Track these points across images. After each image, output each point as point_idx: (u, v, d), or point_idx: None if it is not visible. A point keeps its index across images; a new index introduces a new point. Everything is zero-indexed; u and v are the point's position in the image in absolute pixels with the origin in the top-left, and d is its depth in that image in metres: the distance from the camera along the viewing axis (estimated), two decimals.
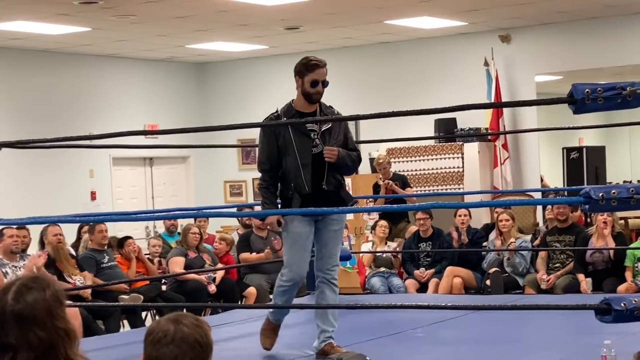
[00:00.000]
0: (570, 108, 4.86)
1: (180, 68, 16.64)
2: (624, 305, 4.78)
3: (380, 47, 15.32)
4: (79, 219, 8.75)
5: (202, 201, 16.18)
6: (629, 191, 4.72)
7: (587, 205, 4.84)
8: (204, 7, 11.76)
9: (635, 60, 13.66)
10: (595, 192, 4.78)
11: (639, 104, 4.75)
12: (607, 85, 4.73)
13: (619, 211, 5.94)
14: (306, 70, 6.53)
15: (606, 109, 4.79)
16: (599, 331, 5.92)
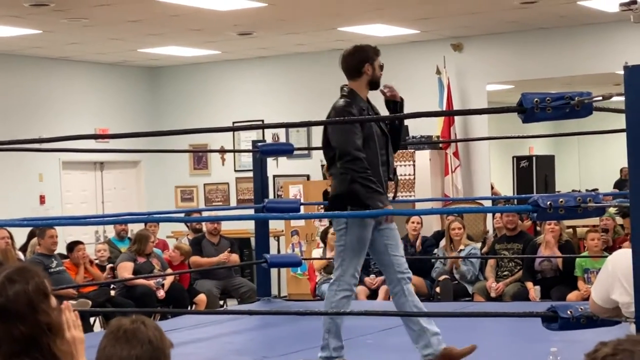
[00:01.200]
0: (519, 117, 4.91)
1: (132, 72, 16.55)
2: (570, 313, 4.83)
3: (333, 54, 15.22)
4: (26, 223, 8.66)
5: (152, 206, 16.08)
6: (576, 200, 4.78)
7: (535, 213, 4.89)
8: (156, 12, 11.70)
9: (585, 70, 13.81)
10: (543, 200, 4.83)
11: (587, 113, 4.81)
12: (556, 95, 4.78)
13: (567, 220, 5.99)
14: (375, 55, 6.31)
15: (555, 118, 4.85)
16: (546, 339, 5.96)
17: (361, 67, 6.22)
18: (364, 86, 6.27)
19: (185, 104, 16.60)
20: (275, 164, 15.45)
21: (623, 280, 4.49)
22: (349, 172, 5.96)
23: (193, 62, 16.16)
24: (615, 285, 4.52)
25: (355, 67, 6.24)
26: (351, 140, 6.00)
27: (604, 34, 13.57)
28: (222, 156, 16.42)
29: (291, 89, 15.84)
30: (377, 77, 6.28)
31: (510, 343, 7.04)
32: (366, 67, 6.22)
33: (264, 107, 15.77)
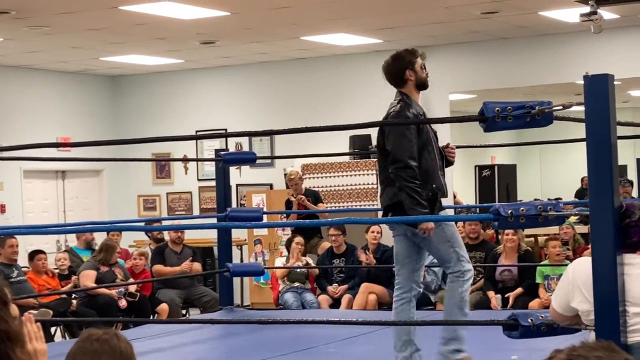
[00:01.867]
0: (481, 126, 4.94)
1: (94, 80, 16.47)
2: (531, 321, 4.86)
3: (296, 63, 15.36)
4: None
5: (115, 215, 16.01)
6: (537, 209, 4.81)
7: (496, 222, 4.92)
8: (119, 20, 11.66)
9: (546, 80, 13.92)
10: (504, 209, 4.86)
11: (547, 122, 4.85)
12: (517, 104, 4.82)
13: (528, 228, 6.02)
14: (413, 57, 6.26)
15: (516, 127, 4.89)
16: (507, 347, 6.01)
17: (403, 74, 6.22)
18: (413, 91, 6.27)
19: (148, 112, 16.54)
20: (239, 173, 15.43)
21: (583, 288, 4.52)
22: (398, 179, 5.94)
23: (156, 70, 16.11)
24: (575, 293, 4.56)
25: (398, 76, 6.24)
26: (406, 146, 5.97)
27: (565, 44, 13.69)
28: (185, 165, 16.37)
29: (254, 98, 15.83)
30: (423, 79, 6.29)
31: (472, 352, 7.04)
32: (408, 74, 6.21)
33: (227, 116, 15.76)
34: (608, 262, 4.40)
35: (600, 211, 4.46)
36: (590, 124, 4.52)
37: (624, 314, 4.41)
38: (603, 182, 4.45)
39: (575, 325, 4.69)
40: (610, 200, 4.42)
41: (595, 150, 4.48)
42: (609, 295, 4.37)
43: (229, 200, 9.42)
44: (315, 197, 12.69)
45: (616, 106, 4.63)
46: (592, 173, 4.49)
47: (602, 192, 4.45)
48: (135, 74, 16.49)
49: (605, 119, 4.47)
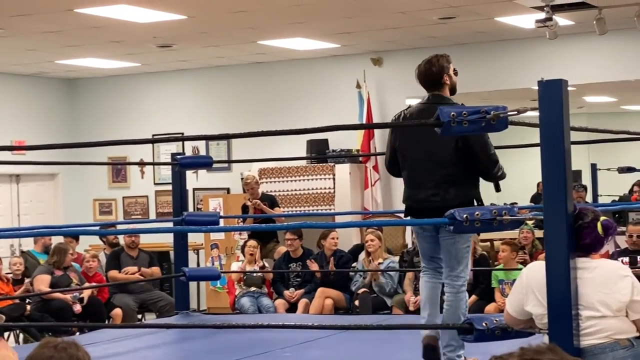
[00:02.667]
0: (437, 131, 4.96)
1: (49, 83, 16.34)
2: (486, 325, 4.88)
3: (253, 67, 15.34)
4: None
5: (70, 219, 15.87)
6: (492, 213, 4.84)
7: (452, 226, 4.94)
8: (75, 23, 11.58)
9: (502, 85, 14.00)
10: (459, 213, 4.88)
11: (502, 127, 4.87)
12: (472, 109, 4.84)
13: (483, 232, 6.02)
14: (448, 63, 6.49)
15: (471, 132, 4.91)
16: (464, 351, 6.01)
17: (441, 78, 6.40)
18: (448, 93, 6.47)
19: (105, 116, 16.44)
20: (196, 177, 15.39)
21: (537, 291, 4.55)
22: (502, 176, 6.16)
23: (112, 74, 16.02)
24: (529, 296, 4.59)
25: (437, 79, 6.41)
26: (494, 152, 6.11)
27: (521, 50, 13.79)
28: (142, 169, 16.28)
29: (212, 102, 15.79)
30: (455, 83, 6.53)
31: None
32: (445, 78, 6.40)
33: (184, 120, 15.70)
34: (562, 266, 4.43)
35: (553, 215, 4.49)
36: (544, 129, 4.55)
37: (577, 317, 4.45)
38: (557, 186, 4.47)
39: (529, 329, 4.72)
40: (564, 205, 4.45)
41: (549, 154, 4.51)
42: (563, 299, 4.40)
43: (186, 205, 9.38)
44: (271, 201, 12.67)
45: (571, 112, 4.66)
46: (546, 177, 4.51)
47: (556, 197, 4.48)
48: (92, 77, 16.38)
49: (559, 124, 4.50)
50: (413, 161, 6.19)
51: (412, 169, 6.19)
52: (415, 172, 6.16)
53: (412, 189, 6.19)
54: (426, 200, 6.06)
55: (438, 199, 5.98)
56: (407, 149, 6.22)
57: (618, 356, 4.45)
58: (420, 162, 6.14)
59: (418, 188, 6.12)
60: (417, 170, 6.15)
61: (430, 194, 6.03)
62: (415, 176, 6.16)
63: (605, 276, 4.53)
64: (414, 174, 6.18)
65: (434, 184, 6.03)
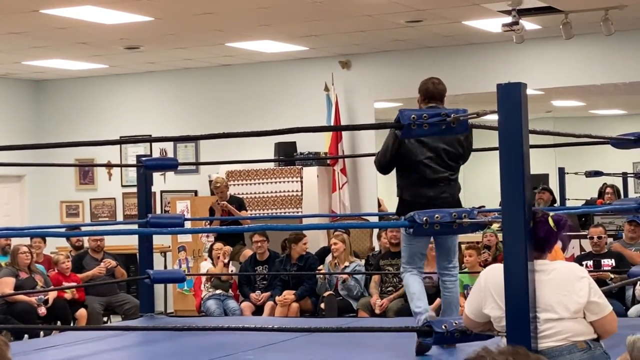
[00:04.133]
0: (396, 133, 4.97)
1: (15, 85, 16.23)
2: (445, 327, 4.91)
3: (221, 69, 15.32)
4: None
5: (36, 221, 15.75)
6: (452, 216, 4.85)
7: (411, 229, 4.95)
8: (41, 24, 11.52)
9: (469, 89, 14.00)
10: (419, 216, 4.90)
11: (463, 130, 4.90)
12: (433, 112, 4.87)
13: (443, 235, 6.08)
14: None
15: (431, 134, 4.94)
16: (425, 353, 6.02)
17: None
18: None
19: (72, 118, 16.36)
20: (163, 179, 15.35)
21: (495, 294, 4.56)
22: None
23: (79, 75, 15.94)
24: (488, 299, 4.60)
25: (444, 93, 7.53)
26: None
27: (488, 53, 13.84)
28: (109, 171, 16.22)
29: (179, 104, 15.75)
30: None
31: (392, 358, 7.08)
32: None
33: (151, 122, 15.65)
34: (519, 269, 4.44)
35: (511, 218, 4.50)
36: (502, 132, 4.56)
37: (535, 320, 4.46)
38: (515, 189, 4.48)
39: (488, 331, 4.73)
40: (522, 208, 4.45)
41: (507, 157, 4.51)
42: (521, 301, 4.41)
43: (151, 207, 9.35)
44: (239, 203, 12.67)
45: (539, 116, 4.69)
46: (504, 180, 4.52)
47: (514, 200, 4.48)
48: (59, 79, 16.29)
49: (517, 127, 4.50)
50: (424, 162, 6.73)
51: (423, 169, 6.72)
52: (428, 172, 6.71)
53: (423, 187, 6.72)
54: (437, 197, 6.63)
55: (448, 195, 6.69)
56: (419, 151, 6.72)
57: (575, 358, 4.46)
58: (432, 163, 6.73)
59: (430, 186, 6.70)
60: (429, 170, 6.72)
61: (442, 191, 6.70)
62: (427, 175, 6.71)
63: (562, 278, 4.55)
64: (425, 174, 6.72)
65: (445, 182, 6.75)
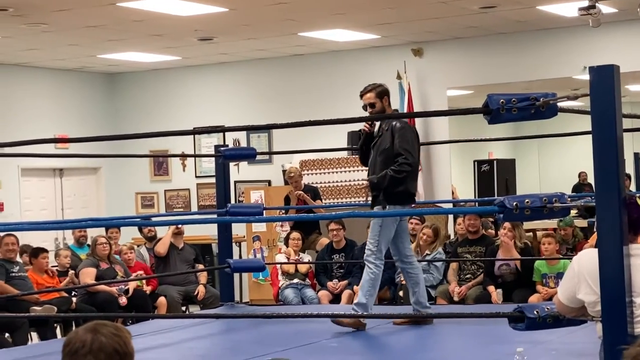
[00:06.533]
0: (485, 118, 4.93)
1: (91, 78, 16.44)
2: (537, 313, 4.86)
3: (294, 59, 15.35)
4: None
5: (113, 212, 15.96)
6: (542, 200, 4.81)
7: (501, 214, 4.92)
8: (116, 17, 11.64)
9: (543, 75, 13.90)
10: (509, 201, 4.86)
11: (552, 114, 4.84)
12: (522, 96, 4.81)
13: (533, 220, 6.03)
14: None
15: (520, 119, 4.88)
16: (509, 340, 5.99)
17: None
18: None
19: (146, 110, 16.52)
20: (237, 169, 15.43)
21: (589, 279, 4.52)
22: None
23: (153, 67, 16.09)
24: (582, 284, 4.55)
25: None
26: None
27: (563, 38, 13.69)
28: (183, 162, 16.35)
29: (252, 95, 15.81)
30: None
31: (475, 345, 7.06)
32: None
33: (225, 112, 15.74)
34: (615, 253, 4.39)
35: (606, 203, 4.45)
36: (596, 116, 4.51)
37: (631, 304, 4.41)
38: (609, 173, 4.43)
39: (582, 316, 4.68)
40: (617, 192, 4.40)
41: (600, 141, 4.46)
42: (616, 286, 4.36)
43: (229, 196, 9.40)
44: (314, 193, 12.68)
45: None
46: (599, 165, 4.46)
47: (609, 184, 4.43)
48: (133, 71, 16.46)
49: (611, 111, 4.45)
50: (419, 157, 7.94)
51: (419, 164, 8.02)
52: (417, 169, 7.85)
53: (414, 181, 7.78)
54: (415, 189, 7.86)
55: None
56: (418, 147, 7.77)
57: None
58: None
59: (416, 179, 7.84)
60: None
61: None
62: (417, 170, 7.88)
63: None
64: (418, 168, 7.95)
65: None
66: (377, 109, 7.80)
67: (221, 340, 7.84)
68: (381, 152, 7.64)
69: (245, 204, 13.35)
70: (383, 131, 7.70)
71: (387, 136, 7.65)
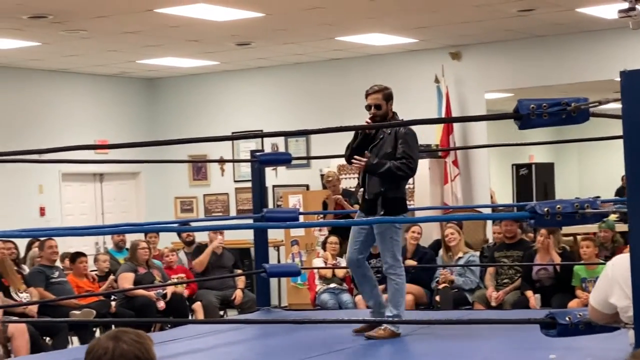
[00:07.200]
0: (515, 123, 4.90)
1: (130, 83, 16.55)
2: (569, 319, 4.81)
3: (331, 63, 15.35)
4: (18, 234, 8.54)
5: (152, 217, 16.07)
6: (574, 206, 4.76)
7: (532, 220, 4.88)
8: (154, 23, 11.71)
9: (583, 77, 13.79)
10: (540, 207, 4.82)
11: (583, 119, 4.80)
12: (553, 101, 4.77)
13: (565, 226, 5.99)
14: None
15: (551, 124, 4.84)
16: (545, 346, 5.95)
17: None
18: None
19: (184, 115, 16.60)
20: (275, 174, 15.45)
21: (622, 283, 4.48)
22: None
23: (191, 72, 16.17)
24: (614, 288, 4.51)
25: None
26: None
27: (603, 41, 13.58)
28: (222, 167, 16.41)
29: (290, 99, 15.84)
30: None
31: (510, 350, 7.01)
32: None
33: (262, 117, 15.78)
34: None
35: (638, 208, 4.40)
36: (627, 120, 4.47)
37: None
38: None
39: (614, 323, 4.64)
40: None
41: (632, 146, 4.41)
42: None
43: (265, 201, 9.42)
44: (352, 197, 12.67)
45: None
46: (630, 170, 4.42)
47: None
48: (171, 77, 16.55)
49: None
50: None
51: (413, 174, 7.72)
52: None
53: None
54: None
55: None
56: None
57: None
58: None
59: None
60: None
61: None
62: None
63: None
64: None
65: None
66: (382, 111, 7.60)
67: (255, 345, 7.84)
68: (382, 156, 7.44)
69: (281, 208, 13.36)
70: (385, 135, 7.52)
71: (390, 140, 7.46)
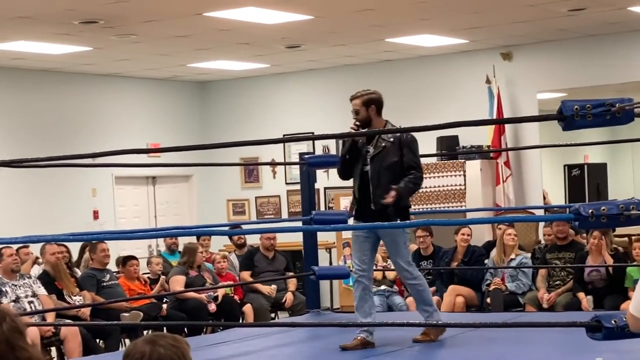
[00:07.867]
0: (559, 125, 4.86)
1: (181, 87, 16.66)
2: (615, 322, 4.76)
3: (381, 65, 15.33)
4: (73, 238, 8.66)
5: (204, 220, 16.15)
6: (619, 208, 4.71)
7: (577, 222, 4.84)
8: (205, 26, 11.78)
9: (636, 77, 13.63)
10: (584, 209, 4.78)
11: (628, 120, 4.75)
12: (597, 102, 4.73)
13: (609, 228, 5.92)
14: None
15: (595, 125, 4.79)
16: (593, 350, 5.90)
17: None
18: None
19: (235, 117, 16.67)
20: (326, 176, 15.46)
21: None
22: None
23: (242, 75, 16.23)
24: None
25: None
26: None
27: None
28: (273, 169, 16.45)
29: (340, 101, 15.77)
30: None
31: (557, 353, 6.96)
32: None
33: (313, 119, 15.79)
34: None
35: None
36: None
37: None
38: None
39: None
40: None
41: None
42: None
43: (314, 204, 9.43)
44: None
45: None
46: None
47: None
48: (222, 80, 16.63)
49: None
50: None
51: None
52: None
53: None
54: None
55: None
56: None
57: None
58: None
59: None
60: None
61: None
62: None
63: None
64: None
65: None
66: (361, 117, 7.58)
67: (303, 347, 7.86)
68: (388, 165, 7.28)
69: (330, 211, 13.37)
70: (387, 143, 7.38)
71: (394, 149, 7.33)
